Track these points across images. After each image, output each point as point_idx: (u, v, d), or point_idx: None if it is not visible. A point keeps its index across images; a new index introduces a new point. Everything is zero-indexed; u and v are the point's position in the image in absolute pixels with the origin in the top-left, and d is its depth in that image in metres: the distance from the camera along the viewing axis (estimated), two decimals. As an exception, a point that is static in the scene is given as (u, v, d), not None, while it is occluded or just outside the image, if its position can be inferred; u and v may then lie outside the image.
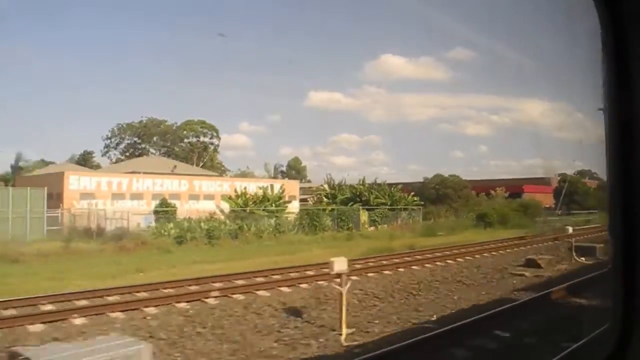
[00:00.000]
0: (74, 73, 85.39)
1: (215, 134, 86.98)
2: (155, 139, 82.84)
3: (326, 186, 40.67)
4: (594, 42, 1.86)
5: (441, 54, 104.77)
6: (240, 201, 33.82)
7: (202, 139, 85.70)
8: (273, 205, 33.62)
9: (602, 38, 1.83)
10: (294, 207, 36.84)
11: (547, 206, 57.21)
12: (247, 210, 32.41)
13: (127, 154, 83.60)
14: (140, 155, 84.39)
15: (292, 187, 39.58)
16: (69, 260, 18.24)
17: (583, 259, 17.61)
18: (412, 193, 39.10)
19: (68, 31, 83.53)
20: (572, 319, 9.38)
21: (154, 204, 31.48)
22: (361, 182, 39.15)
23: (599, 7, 1.83)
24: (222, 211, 32.55)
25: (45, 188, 26.64)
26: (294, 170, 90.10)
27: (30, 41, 78.47)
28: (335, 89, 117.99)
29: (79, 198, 28.67)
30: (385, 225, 34.01)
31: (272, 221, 29.25)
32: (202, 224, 25.89)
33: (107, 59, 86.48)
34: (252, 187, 35.59)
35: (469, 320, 9.27)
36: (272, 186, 35.69)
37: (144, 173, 32.47)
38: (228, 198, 34.04)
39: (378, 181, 40.28)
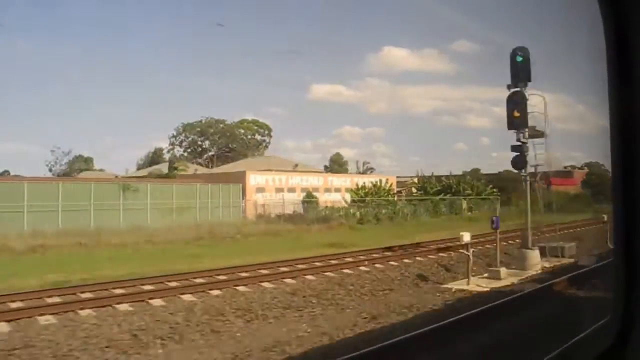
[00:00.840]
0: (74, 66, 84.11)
1: (268, 132, 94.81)
2: (217, 137, 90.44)
3: (416, 180, 49.36)
4: (596, 35, 1.86)
5: (445, 46, 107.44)
6: (361, 193, 42.40)
7: (256, 137, 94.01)
8: (389, 196, 42.30)
9: (604, 31, 1.83)
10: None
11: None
12: (367, 200, 40.99)
13: (190, 150, 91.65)
14: (202, 152, 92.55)
15: (392, 182, 48.24)
16: (320, 235, 26.65)
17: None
18: (491, 185, 47.88)
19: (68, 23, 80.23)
20: None
21: (302, 195, 39.93)
22: (450, 175, 47.89)
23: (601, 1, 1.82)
24: (346, 201, 41.14)
25: (241, 184, 34.98)
26: (337, 165, 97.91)
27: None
28: (338, 81, 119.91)
29: (255, 192, 36.99)
30: (477, 211, 42.71)
31: (406, 208, 37.87)
32: (375, 210, 34.56)
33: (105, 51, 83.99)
34: (366, 182, 44.19)
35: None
36: (381, 181, 44.29)
37: (294, 171, 40.76)
38: (351, 190, 42.60)
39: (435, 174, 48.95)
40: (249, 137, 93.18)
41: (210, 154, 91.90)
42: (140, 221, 28.75)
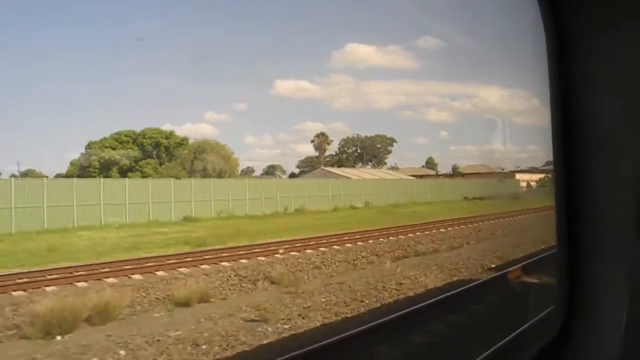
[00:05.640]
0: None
1: (392, 142, 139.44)
2: (367, 149, 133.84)
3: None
4: (539, 32, 1.97)
5: (409, 42, 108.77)
6: (542, 182, 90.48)
7: (387, 147, 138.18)
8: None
9: (544, 30, 1.97)
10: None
11: None
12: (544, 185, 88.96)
13: (346, 156, 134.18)
14: (355, 160, 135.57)
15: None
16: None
17: None
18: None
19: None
20: None
21: (524, 184, 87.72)
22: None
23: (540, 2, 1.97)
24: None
25: (524, 180, 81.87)
26: (431, 164, 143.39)
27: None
28: (302, 77, 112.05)
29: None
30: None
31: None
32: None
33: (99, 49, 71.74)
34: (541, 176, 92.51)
35: None
36: (546, 175, 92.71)
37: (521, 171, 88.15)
38: (537, 180, 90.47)
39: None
40: (383, 146, 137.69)
41: (366, 159, 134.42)
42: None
